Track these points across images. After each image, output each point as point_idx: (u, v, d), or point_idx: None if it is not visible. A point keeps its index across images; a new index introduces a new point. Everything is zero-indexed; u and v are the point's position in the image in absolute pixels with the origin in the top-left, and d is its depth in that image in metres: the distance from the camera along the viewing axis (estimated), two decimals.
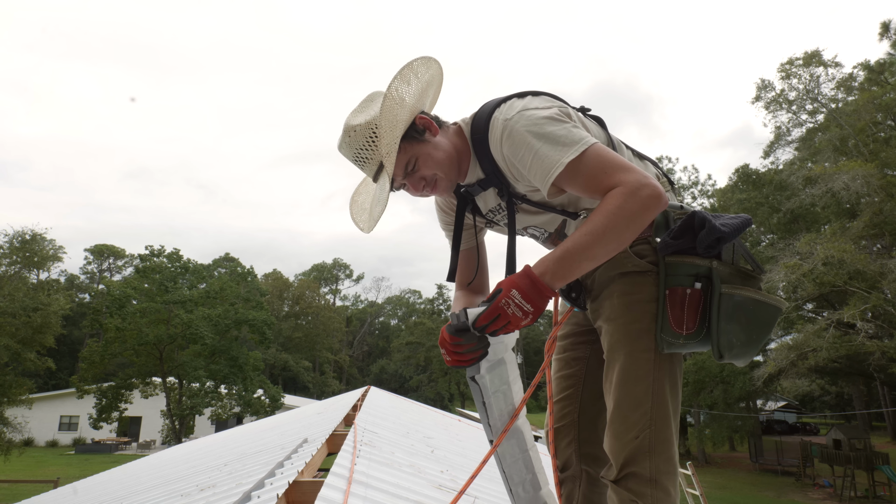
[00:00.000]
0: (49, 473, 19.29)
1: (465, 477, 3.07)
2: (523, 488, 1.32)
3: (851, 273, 18.10)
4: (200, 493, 2.52)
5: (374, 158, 1.34)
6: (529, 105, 1.29)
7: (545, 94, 1.37)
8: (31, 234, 24.49)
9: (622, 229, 1.14)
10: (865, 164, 18.89)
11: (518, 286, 1.14)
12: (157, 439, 30.05)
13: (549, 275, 1.15)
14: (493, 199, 1.46)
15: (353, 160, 1.38)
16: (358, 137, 1.33)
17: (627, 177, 1.17)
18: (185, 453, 6.72)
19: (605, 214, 1.14)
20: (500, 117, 1.30)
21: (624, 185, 1.16)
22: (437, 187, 1.39)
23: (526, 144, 1.24)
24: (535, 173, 1.25)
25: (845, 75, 23.93)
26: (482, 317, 1.16)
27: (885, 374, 20.84)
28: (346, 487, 1.89)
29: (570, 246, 1.15)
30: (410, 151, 1.35)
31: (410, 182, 1.37)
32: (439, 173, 1.37)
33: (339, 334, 55.54)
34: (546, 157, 1.22)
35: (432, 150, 1.36)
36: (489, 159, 1.35)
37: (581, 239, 1.14)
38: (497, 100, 1.37)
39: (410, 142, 1.34)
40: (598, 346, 1.49)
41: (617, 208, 1.14)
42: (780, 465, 23.91)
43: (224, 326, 27.86)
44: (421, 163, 1.35)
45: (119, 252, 50.48)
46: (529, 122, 1.25)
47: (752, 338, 1.31)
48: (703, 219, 1.27)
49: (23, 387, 22.36)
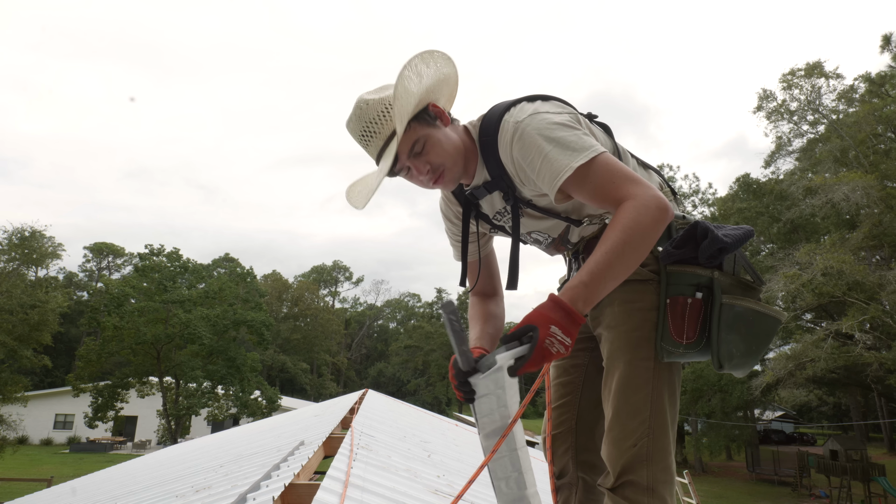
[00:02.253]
0: (43, 472, 19.20)
1: (461, 482, 3.06)
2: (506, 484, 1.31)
3: (850, 284, 18.11)
4: (196, 494, 2.51)
5: (382, 132, 1.30)
6: (541, 109, 1.29)
7: (556, 98, 1.37)
8: (31, 230, 24.48)
9: (639, 244, 1.13)
10: (865, 176, 18.94)
11: (555, 321, 1.10)
12: (153, 439, 29.95)
13: (581, 302, 1.12)
14: (499, 202, 1.45)
15: (360, 134, 1.32)
16: (370, 110, 1.30)
17: (636, 189, 1.16)
18: (181, 454, 6.70)
19: (622, 231, 1.12)
20: (511, 119, 1.29)
21: (635, 199, 1.15)
22: (442, 178, 1.34)
23: (536, 147, 1.24)
24: (543, 176, 1.24)
25: (846, 87, 24.06)
26: (530, 364, 1.09)
27: (883, 385, 20.84)
28: (342, 491, 1.88)
29: (595, 268, 1.12)
30: (420, 132, 1.30)
31: (414, 165, 1.32)
32: (447, 163, 1.33)
33: (338, 337, 55.45)
34: (555, 160, 1.21)
35: (442, 137, 1.33)
36: (497, 162, 1.34)
37: (604, 259, 1.12)
38: (507, 102, 1.35)
39: (421, 123, 1.31)
40: (596, 354, 1.49)
41: (633, 223, 1.12)
42: (777, 475, 23.86)
43: (222, 327, 27.80)
44: (429, 146, 1.31)
45: (118, 250, 50.42)
46: (541, 126, 1.25)
47: (752, 348, 1.31)
48: (706, 229, 1.27)
49: (18, 384, 22.29)
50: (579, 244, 1.48)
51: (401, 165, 1.33)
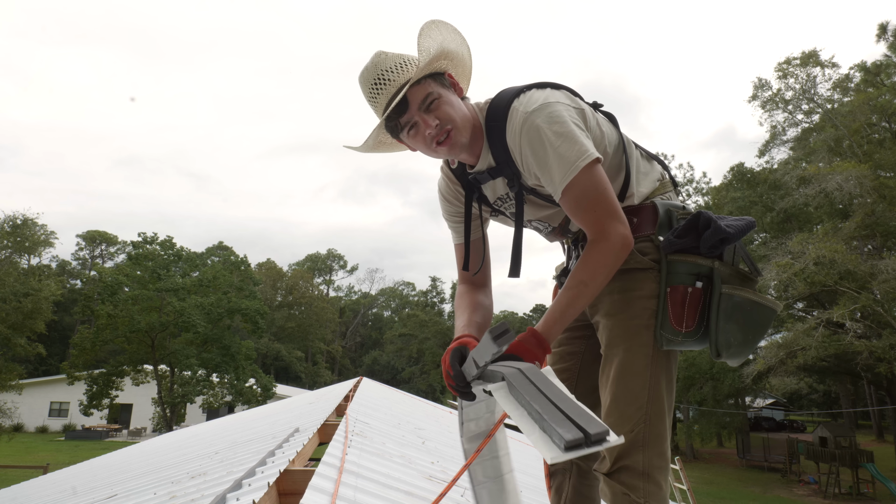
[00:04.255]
0: (39, 459, 19.23)
1: (455, 468, 3.08)
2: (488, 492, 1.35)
3: (842, 273, 18.25)
4: (191, 480, 2.51)
5: (396, 81, 1.26)
6: (550, 98, 1.27)
7: (565, 88, 1.35)
8: (23, 218, 24.27)
9: (603, 283, 1.24)
10: (859, 166, 19.00)
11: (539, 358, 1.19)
12: (148, 427, 29.99)
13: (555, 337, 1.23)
14: (501, 188, 1.44)
15: (373, 82, 1.28)
16: (388, 59, 1.27)
17: (615, 228, 1.22)
18: (176, 441, 6.71)
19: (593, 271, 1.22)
20: (521, 108, 1.27)
21: (608, 241, 1.22)
22: (448, 138, 1.29)
23: (547, 141, 1.23)
24: (552, 172, 1.24)
25: (842, 76, 24.03)
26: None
27: (872, 373, 21.11)
28: (336, 477, 1.89)
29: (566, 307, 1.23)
30: (433, 87, 1.28)
31: (423, 118, 1.27)
32: (456, 122, 1.29)
33: (332, 325, 55.52)
34: (564, 157, 1.21)
35: (455, 100, 1.32)
36: (503, 147, 1.32)
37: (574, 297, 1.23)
38: (516, 89, 1.33)
39: (435, 82, 1.29)
40: (593, 342, 1.49)
41: (603, 266, 1.22)
42: (767, 462, 24.22)
43: (217, 315, 27.74)
44: (440, 103, 1.28)
45: (111, 239, 50.07)
46: (551, 120, 1.23)
47: (749, 338, 1.33)
48: (709, 219, 1.28)
49: (13, 372, 22.26)
50: (579, 232, 1.47)
51: (409, 117, 1.28)
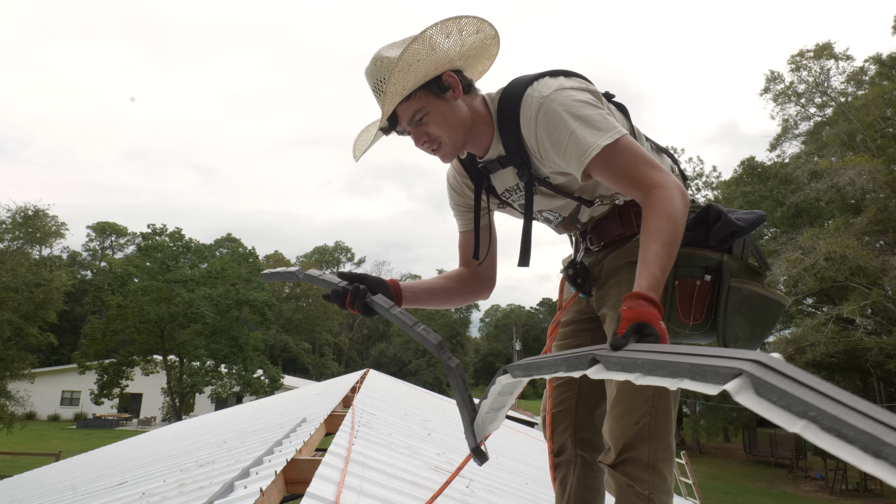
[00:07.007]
0: (51, 447, 19.55)
1: (460, 459, 3.09)
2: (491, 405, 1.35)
3: (853, 269, 18.07)
4: (200, 468, 2.54)
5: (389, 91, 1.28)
6: (565, 84, 1.26)
7: (577, 75, 1.34)
8: (34, 209, 24.50)
9: (681, 231, 1.11)
10: (872, 160, 18.75)
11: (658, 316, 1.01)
12: (158, 416, 30.35)
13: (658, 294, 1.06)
14: (510, 179, 1.42)
15: (371, 89, 1.31)
16: (381, 69, 1.27)
17: (661, 177, 1.16)
18: (185, 430, 6.79)
19: (668, 220, 1.09)
20: (535, 94, 1.26)
21: (662, 188, 1.13)
22: (440, 150, 1.34)
23: (564, 123, 1.21)
24: (570, 154, 1.22)
25: (856, 69, 23.65)
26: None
27: (882, 369, 20.90)
28: (343, 466, 1.90)
29: (663, 263, 1.06)
30: (424, 102, 1.29)
31: (413, 133, 1.33)
32: (445, 138, 1.31)
33: (340, 317, 55.77)
34: (582, 138, 1.19)
35: (447, 111, 1.31)
36: (516, 136, 1.31)
37: (664, 251, 1.07)
38: (529, 77, 1.32)
39: (428, 94, 1.29)
40: (599, 334, 1.49)
41: (673, 210, 1.10)
42: (774, 457, 24.15)
43: (225, 306, 27.96)
44: (430, 119, 1.29)
45: (121, 230, 50.48)
46: (567, 102, 1.22)
47: (756, 332, 1.33)
48: (719, 212, 1.28)
49: (25, 361, 22.52)
50: (588, 224, 1.47)
51: (402, 128, 1.33)
